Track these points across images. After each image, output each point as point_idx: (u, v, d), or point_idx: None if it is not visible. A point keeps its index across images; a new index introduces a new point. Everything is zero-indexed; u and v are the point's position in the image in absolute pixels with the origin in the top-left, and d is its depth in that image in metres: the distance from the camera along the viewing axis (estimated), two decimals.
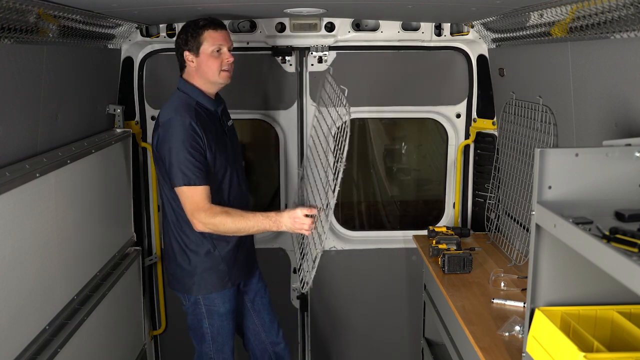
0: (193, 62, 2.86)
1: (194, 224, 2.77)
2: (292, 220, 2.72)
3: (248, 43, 3.61)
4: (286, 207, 3.95)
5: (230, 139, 3.01)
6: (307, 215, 2.72)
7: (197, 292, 2.97)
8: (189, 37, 2.85)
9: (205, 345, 3.07)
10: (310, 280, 2.89)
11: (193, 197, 2.73)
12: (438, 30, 3.67)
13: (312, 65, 3.74)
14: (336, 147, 2.76)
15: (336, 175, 2.64)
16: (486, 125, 3.75)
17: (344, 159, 2.58)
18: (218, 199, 2.85)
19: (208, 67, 2.84)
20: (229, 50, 2.88)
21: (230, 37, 2.91)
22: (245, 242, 3.07)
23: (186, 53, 2.87)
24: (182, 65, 2.92)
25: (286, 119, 3.84)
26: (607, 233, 1.47)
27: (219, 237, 2.91)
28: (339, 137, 2.68)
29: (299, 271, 3.22)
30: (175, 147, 2.71)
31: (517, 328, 2.42)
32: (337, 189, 2.55)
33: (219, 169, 2.86)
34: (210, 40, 2.83)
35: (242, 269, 3.09)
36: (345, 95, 2.65)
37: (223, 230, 2.79)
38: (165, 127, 2.77)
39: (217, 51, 2.84)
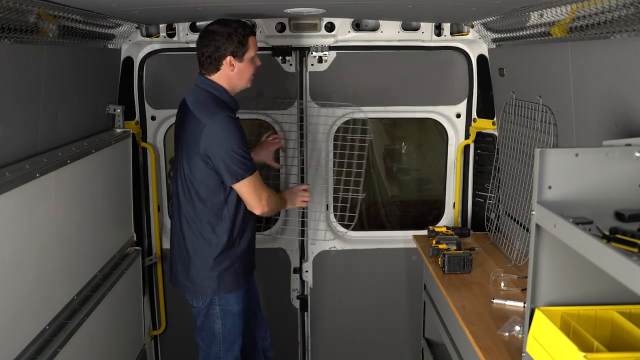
0: (234, 66, 2.87)
1: (262, 207, 2.92)
2: (295, 194, 3.27)
3: None
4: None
5: None
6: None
7: (215, 294, 2.97)
8: (237, 42, 2.84)
9: (215, 346, 3.07)
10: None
11: (259, 184, 2.90)
12: (438, 30, 3.67)
13: (312, 65, 3.74)
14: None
15: None
16: (486, 125, 3.75)
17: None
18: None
19: (247, 73, 2.93)
20: None
21: None
22: (253, 241, 3.13)
23: (230, 58, 2.85)
24: (215, 68, 2.88)
25: (286, 119, 3.84)
26: (607, 233, 1.47)
27: (240, 234, 2.97)
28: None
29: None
30: (232, 142, 2.76)
31: (517, 328, 2.42)
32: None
33: None
34: (253, 47, 2.91)
35: (251, 268, 3.17)
36: None
37: (276, 208, 3.09)
38: (215, 124, 2.76)
39: (253, 57, 2.94)
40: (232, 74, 2.89)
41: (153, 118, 3.76)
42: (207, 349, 3.10)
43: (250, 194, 2.86)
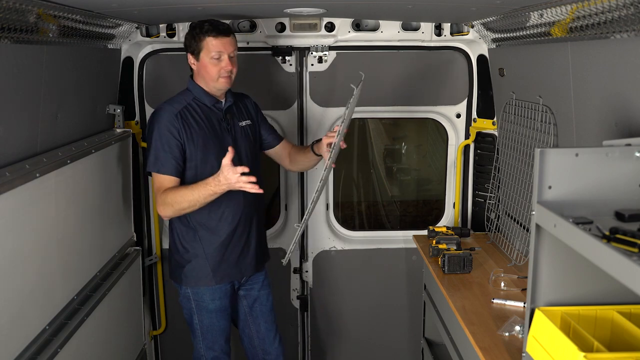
0: (194, 64, 2.94)
1: (160, 211, 2.88)
2: (225, 174, 2.66)
3: (248, 43, 3.61)
4: (286, 207, 3.96)
5: (236, 138, 3.02)
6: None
7: (185, 284, 3.06)
8: (192, 39, 2.90)
9: (196, 341, 3.16)
10: (288, 256, 2.96)
11: (159, 184, 2.86)
12: (438, 30, 3.67)
13: (312, 65, 3.75)
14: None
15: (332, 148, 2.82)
16: (486, 125, 3.75)
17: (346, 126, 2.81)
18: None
19: (206, 73, 2.90)
20: (230, 57, 2.90)
21: (233, 43, 2.92)
22: (235, 242, 3.05)
23: (188, 55, 2.94)
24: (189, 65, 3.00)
25: (286, 119, 3.84)
26: (607, 233, 1.47)
27: (206, 232, 2.98)
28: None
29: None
30: (153, 134, 2.87)
31: (517, 328, 2.42)
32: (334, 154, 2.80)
33: (202, 164, 2.90)
34: (210, 48, 2.86)
35: (231, 269, 3.08)
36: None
37: (181, 208, 2.82)
38: (151, 116, 2.95)
39: (217, 58, 2.87)
40: (196, 71, 2.96)
41: None
42: (193, 342, 3.19)
43: (155, 191, 2.91)
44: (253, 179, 2.64)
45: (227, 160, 2.64)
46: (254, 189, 2.66)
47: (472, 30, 3.58)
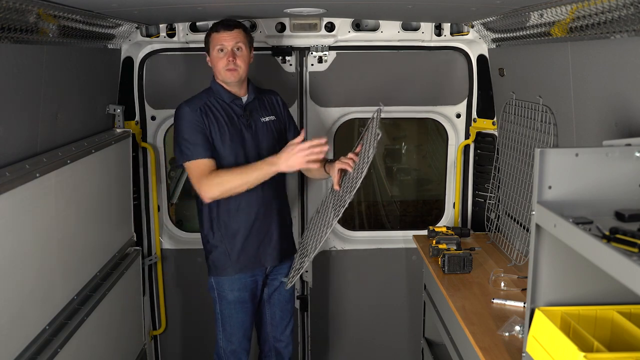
0: (210, 62, 3.06)
1: (203, 193, 2.90)
2: (287, 154, 2.75)
3: None
4: None
5: (256, 133, 3.06)
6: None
7: (210, 273, 3.15)
8: (205, 38, 3.06)
9: (218, 331, 3.20)
10: (293, 281, 3.04)
11: (196, 170, 2.91)
12: (438, 30, 3.67)
13: (312, 65, 3.75)
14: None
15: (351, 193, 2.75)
16: (486, 125, 3.75)
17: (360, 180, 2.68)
18: None
19: (215, 67, 3.02)
20: (236, 50, 2.96)
21: (236, 37, 2.97)
22: (255, 233, 3.09)
23: (206, 53, 3.07)
24: None
25: None
26: (607, 233, 1.47)
27: (225, 224, 3.05)
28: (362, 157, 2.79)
29: (292, 268, 3.22)
30: (177, 128, 2.98)
31: (517, 328, 2.42)
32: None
33: (219, 159, 2.96)
34: (213, 42, 2.99)
35: (250, 261, 3.11)
36: (378, 139, 2.74)
37: (230, 187, 2.86)
38: (175, 114, 3.04)
39: (221, 51, 2.97)
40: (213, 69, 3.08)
41: (153, 118, 3.76)
42: (216, 331, 3.22)
43: (192, 179, 2.96)
44: (324, 147, 2.74)
45: (296, 139, 2.75)
46: (319, 155, 2.75)
47: (472, 30, 3.58)
